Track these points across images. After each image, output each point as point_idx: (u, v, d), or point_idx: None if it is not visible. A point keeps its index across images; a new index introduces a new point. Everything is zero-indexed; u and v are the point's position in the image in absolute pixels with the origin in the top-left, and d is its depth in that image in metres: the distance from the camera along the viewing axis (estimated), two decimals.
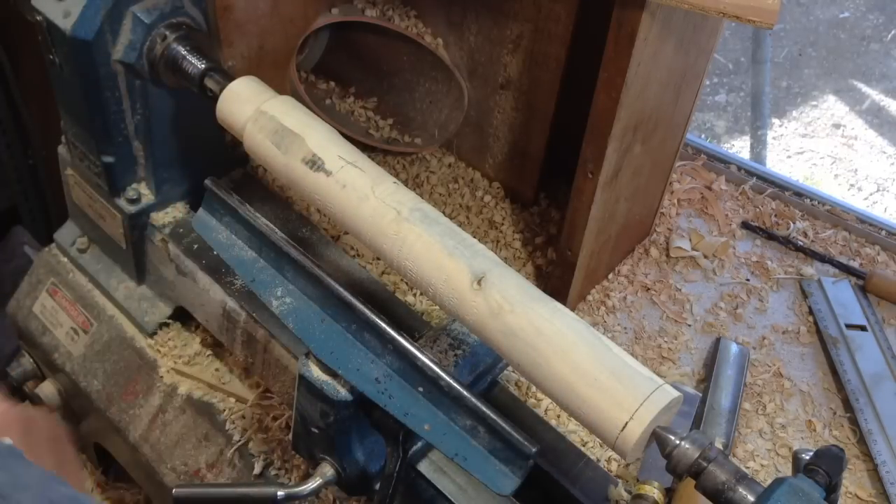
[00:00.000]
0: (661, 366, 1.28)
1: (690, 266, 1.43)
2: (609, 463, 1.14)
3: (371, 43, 1.48)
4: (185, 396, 1.21)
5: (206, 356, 1.25)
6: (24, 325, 1.37)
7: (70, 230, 1.34)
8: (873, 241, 1.49)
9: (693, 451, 0.71)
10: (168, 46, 1.04)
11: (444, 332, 0.94)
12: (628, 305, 1.36)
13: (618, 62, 1.01)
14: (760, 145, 3.29)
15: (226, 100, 0.97)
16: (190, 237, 1.17)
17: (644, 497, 1.00)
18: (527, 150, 1.40)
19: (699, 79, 1.24)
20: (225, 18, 1.14)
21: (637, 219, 1.39)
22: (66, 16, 1.00)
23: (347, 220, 0.88)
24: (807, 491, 0.67)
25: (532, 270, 1.37)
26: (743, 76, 3.87)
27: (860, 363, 1.27)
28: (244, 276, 0.93)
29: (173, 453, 1.19)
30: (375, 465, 0.93)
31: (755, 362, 1.29)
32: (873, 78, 3.95)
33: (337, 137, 0.93)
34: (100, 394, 1.27)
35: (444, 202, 1.45)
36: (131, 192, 1.18)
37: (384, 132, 1.50)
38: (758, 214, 1.53)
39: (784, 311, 1.38)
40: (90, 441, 1.43)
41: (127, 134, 1.12)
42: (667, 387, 0.72)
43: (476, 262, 0.81)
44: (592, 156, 1.12)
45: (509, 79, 1.35)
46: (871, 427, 1.19)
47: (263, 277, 0.92)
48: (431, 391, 0.82)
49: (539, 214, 1.45)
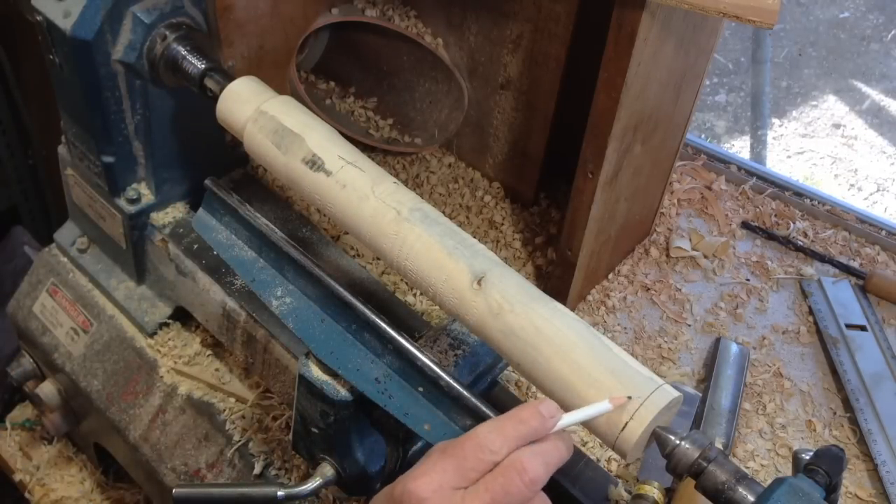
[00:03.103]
0: (661, 366, 1.28)
1: (690, 266, 1.43)
2: (609, 463, 1.14)
3: (371, 43, 1.48)
4: (185, 396, 1.21)
5: (206, 356, 1.25)
6: (24, 325, 1.37)
7: (70, 230, 1.34)
8: (873, 241, 1.49)
9: (693, 451, 0.71)
10: (168, 46, 1.04)
11: (444, 332, 0.94)
12: (628, 305, 1.36)
13: (618, 62, 1.01)
14: (760, 145, 3.29)
15: (226, 100, 0.97)
16: (190, 237, 1.17)
17: (644, 497, 1.00)
18: (527, 150, 1.40)
19: (699, 79, 1.24)
20: (225, 18, 1.14)
21: (637, 219, 1.39)
22: (66, 16, 1.00)
23: (347, 220, 0.88)
24: (807, 491, 0.67)
25: (532, 270, 1.37)
26: (743, 76, 3.87)
27: (860, 363, 1.27)
28: (244, 276, 0.93)
29: (173, 453, 1.19)
30: (375, 465, 0.93)
31: (755, 362, 1.29)
32: (873, 78, 3.95)
33: (337, 137, 0.93)
34: (100, 394, 1.27)
35: (444, 202, 1.45)
36: (131, 192, 1.18)
37: (384, 132, 1.50)
38: (758, 214, 1.53)
39: (784, 311, 1.38)
40: (90, 441, 1.44)
41: (127, 134, 1.12)
42: (667, 387, 0.72)
43: (476, 262, 0.81)
44: (592, 156, 1.12)
45: (509, 79, 1.35)
46: (871, 427, 1.19)
47: (263, 277, 0.92)
48: (431, 391, 0.82)
49: (539, 214, 1.45)
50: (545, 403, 0.68)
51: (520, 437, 0.66)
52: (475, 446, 0.65)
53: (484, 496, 0.63)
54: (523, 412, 0.68)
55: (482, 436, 0.66)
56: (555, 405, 0.69)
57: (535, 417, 0.67)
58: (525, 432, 0.67)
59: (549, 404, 0.69)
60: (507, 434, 0.66)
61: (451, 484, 0.64)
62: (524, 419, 0.67)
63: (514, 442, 0.66)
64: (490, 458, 0.65)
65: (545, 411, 0.68)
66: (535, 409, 0.68)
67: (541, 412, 0.68)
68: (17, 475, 1.50)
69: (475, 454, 0.65)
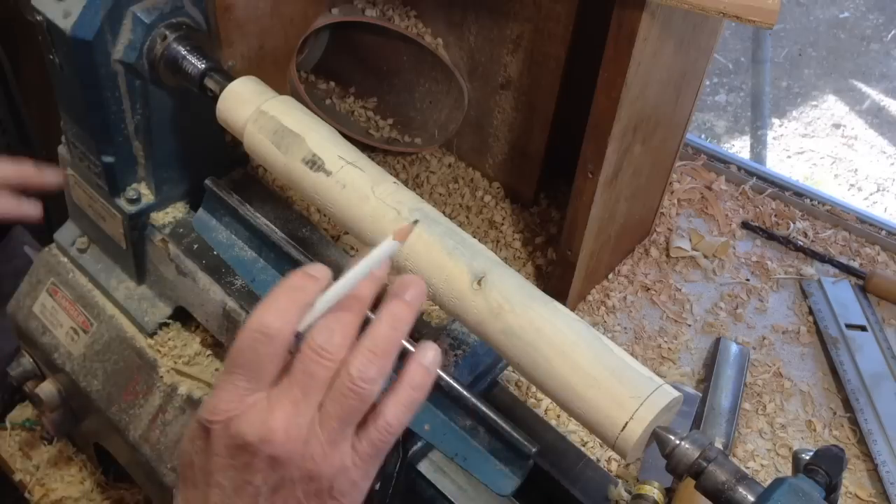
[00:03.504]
0: (661, 366, 1.28)
1: (690, 266, 1.43)
2: (609, 463, 1.14)
3: (371, 43, 1.48)
4: (186, 396, 1.21)
5: (206, 356, 1.25)
6: (24, 325, 1.37)
7: (70, 230, 1.34)
8: (873, 241, 1.49)
9: (693, 451, 0.71)
10: (168, 46, 1.04)
11: (444, 332, 0.94)
12: (628, 305, 1.36)
13: (618, 62, 1.01)
14: (760, 145, 3.29)
15: (226, 100, 0.97)
16: (190, 237, 1.17)
17: (644, 497, 1.00)
18: (527, 150, 1.40)
19: (699, 79, 1.24)
20: (225, 18, 1.14)
21: (637, 219, 1.39)
22: (66, 16, 1.00)
23: (347, 220, 0.88)
24: (807, 491, 0.67)
25: (532, 270, 1.37)
26: (743, 76, 3.87)
27: (860, 363, 1.27)
28: (244, 276, 0.94)
29: (173, 453, 1.19)
30: None
31: (755, 362, 1.29)
32: (873, 78, 3.95)
33: (337, 137, 0.93)
34: (100, 394, 1.27)
35: (444, 202, 1.45)
36: (131, 192, 1.18)
37: (384, 132, 1.50)
38: (758, 214, 1.53)
39: (784, 311, 1.38)
40: (90, 441, 1.44)
41: (127, 134, 1.12)
42: (667, 387, 0.73)
43: (476, 262, 0.81)
44: (592, 156, 1.12)
45: (509, 79, 1.35)
46: (871, 427, 1.19)
47: (263, 277, 0.92)
48: (431, 391, 0.82)
49: (539, 214, 1.45)
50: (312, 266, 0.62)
51: (300, 306, 0.59)
52: (252, 339, 0.57)
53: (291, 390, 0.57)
54: (292, 280, 0.61)
55: (255, 324, 0.58)
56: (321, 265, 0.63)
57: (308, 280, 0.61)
58: (303, 298, 0.60)
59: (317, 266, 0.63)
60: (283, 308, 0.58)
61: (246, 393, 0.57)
62: (297, 286, 0.60)
63: (296, 314, 0.59)
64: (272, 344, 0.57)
65: (314, 272, 0.61)
66: (304, 273, 0.61)
67: (310, 273, 0.61)
68: (17, 475, 1.50)
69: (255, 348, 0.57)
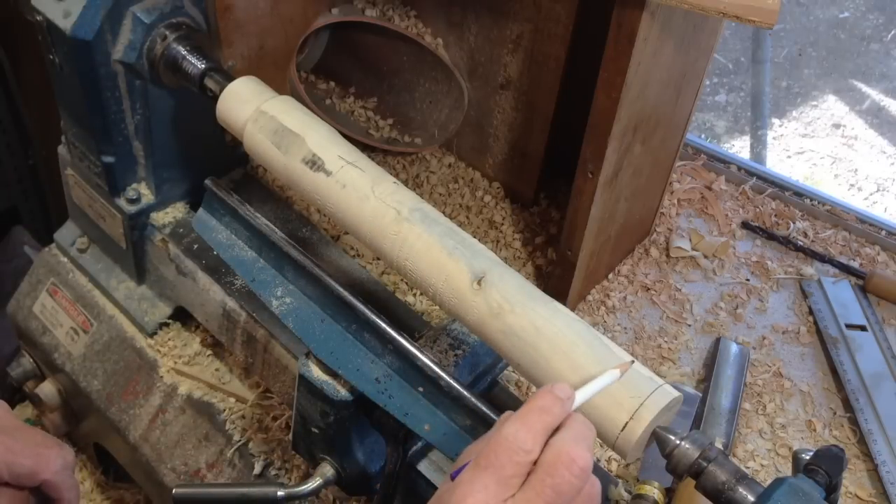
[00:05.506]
0: (661, 366, 1.28)
1: (690, 266, 1.43)
2: (609, 463, 1.14)
3: (371, 43, 1.48)
4: (185, 396, 1.21)
5: (206, 356, 1.25)
6: (24, 325, 1.37)
7: (70, 230, 1.34)
8: (873, 241, 1.49)
9: (693, 451, 0.71)
10: (168, 46, 1.04)
11: (444, 332, 0.94)
12: (628, 305, 1.36)
13: (618, 62, 1.01)
14: (760, 145, 3.29)
15: (226, 100, 0.97)
16: (190, 237, 1.17)
17: (644, 497, 1.00)
18: (527, 150, 1.40)
19: (699, 79, 1.24)
20: (225, 18, 1.14)
21: (637, 219, 1.39)
22: (66, 16, 1.00)
23: (347, 220, 0.88)
24: (807, 491, 0.67)
25: (532, 270, 1.37)
26: (743, 76, 3.87)
27: (860, 363, 1.27)
28: (244, 276, 0.94)
29: (173, 453, 1.19)
30: (375, 465, 0.93)
31: (755, 362, 1.29)
32: (873, 78, 3.95)
33: (337, 137, 0.93)
34: (100, 394, 1.27)
35: (444, 202, 1.45)
36: (131, 192, 1.18)
37: (384, 132, 1.50)
38: (758, 214, 1.53)
39: (784, 311, 1.38)
40: (90, 441, 1.44)
41: (127, 134, 1.12)
42: (667, 387, 0.73)
43: (476, 262, 0.81)
44: (592, 156, 1.12)
45: (509, 79, 1.35)
46: (871, 427, 1.19)
47: (263, 277, 0.92)
48: (431, 391, 0.82)
49: (539, 214, 1.45)
50: (558, 386, 0.67)
51: (546, 428, 0.64)
52: (508, 450, 0.63)
53: (537, 501, 0.61)
54: (542, 401, 0.65)
55: (511, 437, 0.63)
56: (566, 385, 0.67)
57: (556, 403, 0.65)
58: (550, 421, 0.65)
59: (562, 386, 0.67)
60: (534, 428, 0.64)
61: (497, 498, 0.62)
62: (546, 408, 0.65)
63: (543, 434, 0.64)
64: (526, 458, 0.63)
65: (561, 394, 0.66)
66: (553, 394, 0.66)
67: (558, 396, 0.66)
68: None
69: (511, 458, 0.62)
